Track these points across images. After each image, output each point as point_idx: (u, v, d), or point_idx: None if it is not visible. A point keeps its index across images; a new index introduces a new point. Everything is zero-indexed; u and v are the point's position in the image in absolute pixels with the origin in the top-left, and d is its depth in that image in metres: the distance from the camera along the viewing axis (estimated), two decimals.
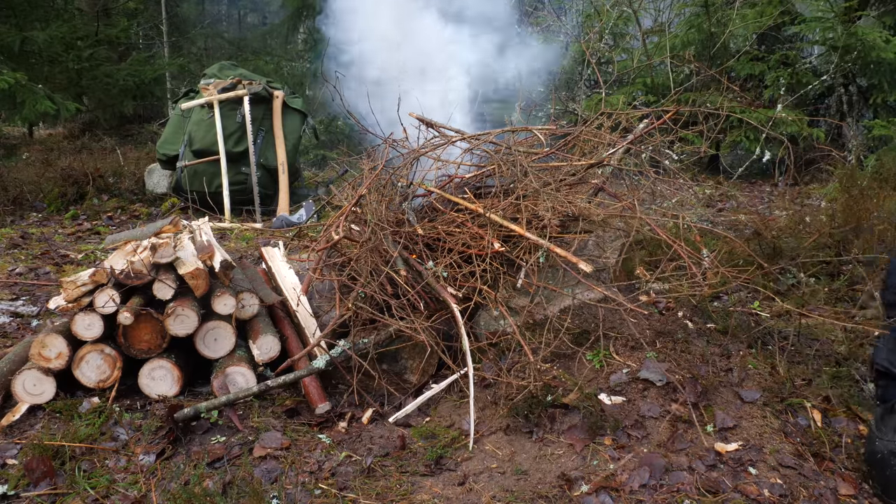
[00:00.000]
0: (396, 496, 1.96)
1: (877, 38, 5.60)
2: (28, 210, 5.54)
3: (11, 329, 3.07)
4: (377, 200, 2.81)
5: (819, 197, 5.01)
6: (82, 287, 2.42)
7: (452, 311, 2.45)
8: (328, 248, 2.80)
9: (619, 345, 2.49)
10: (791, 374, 2.36)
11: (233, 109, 5.54)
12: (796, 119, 5.60)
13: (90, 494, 1.93)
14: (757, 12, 6.30)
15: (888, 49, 5.60)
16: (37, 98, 6.57)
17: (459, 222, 2.81)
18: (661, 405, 2.22)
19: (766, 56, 6.40)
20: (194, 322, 2.46)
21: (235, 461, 2.09)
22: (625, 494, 1.89)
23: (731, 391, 2.27)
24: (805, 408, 2.20)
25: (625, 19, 7.16)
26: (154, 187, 5.96)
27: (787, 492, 1.87)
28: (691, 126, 3.33)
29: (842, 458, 2.01)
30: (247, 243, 4.63)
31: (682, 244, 2.57)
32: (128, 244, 2.73)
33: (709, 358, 2.42)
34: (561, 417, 2.22)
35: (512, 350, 2.44)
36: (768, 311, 2.81)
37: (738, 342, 2.57)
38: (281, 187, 5.51)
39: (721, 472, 1.95)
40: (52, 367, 2.36)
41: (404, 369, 2.60)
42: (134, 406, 2.38)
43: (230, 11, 12.21)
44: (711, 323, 2.68)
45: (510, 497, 1.93)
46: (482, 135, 3.09)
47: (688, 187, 4.83)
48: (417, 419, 2.41)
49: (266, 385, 2.39)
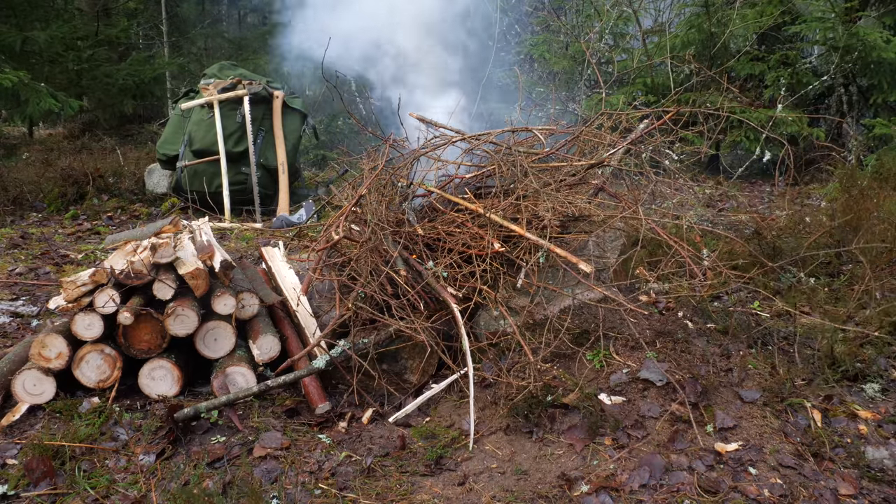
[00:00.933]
0: (396, 496, 1.96)
1: (877, 39, 5.59)
2: (28, 210, 5.54)
3: (11, 329, 3.07)
4: (377, 200, 2.81)
5: (819, 197, 5.01)
6: (82, 287, 2.42)
7: (452, 311, 2.46)
8: (328, 248, 2.80)
9: (619, 345, 2.49)
10: (791, 374, 2.36)
11: (233, 109, 5.54)
12: (796, 119, 5.59)
13: (90, 494, 1.93)
14: (757, 12, 6.30)
15: (888, 49, 5.59)
16: (40, 96, 6.57)
17: (459, 222, 2.81)
18: (661, 405, 2.22)
19: (767, 56, 6.40)
20: (194, 322, 2.46)
21: (235, 461, 2.09)
22: (625, 494, 1.89)
23: (731, 391, 2.27)
24: (805, 408, 2.20)
25: (625, 19, 7.16)
26: (154, 187, 5.96)
27: (787, 492, 1.87)
28: (691, 126, 3.33)
29: (842, 457, 2.01)
30: (247, 243, 4.63)
31: (684, 244, 2.57)
32: (128, 244, 2.73)
33: (709, 358, 2.42)
34: (561, 417, 2.22)
35: (512, 350, 2.44)
36: (768, 311, 2.81)
37: (738, 342, 2.57)
38: (281, 187, 5.51)
39: (721, 472, 1.95)
40: (52, 367, 2.36)
41: (404, 369, 2.60)
42: (134, 406, 2.38)
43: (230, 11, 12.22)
44: (711, 323, 2.68)
45: (510, 497, 1.93)
46: (482, 135, 3.09)
47: (688, 187, 4.83)
48: (417, 419, 2.41)
49: (266, 385, 2.39)
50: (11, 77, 6.15)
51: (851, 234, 3.22)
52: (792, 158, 4.05)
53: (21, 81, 6.33)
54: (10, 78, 6.13)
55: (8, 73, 6.16)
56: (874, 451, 2.03)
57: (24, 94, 6.52)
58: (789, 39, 6.51)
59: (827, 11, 5.87)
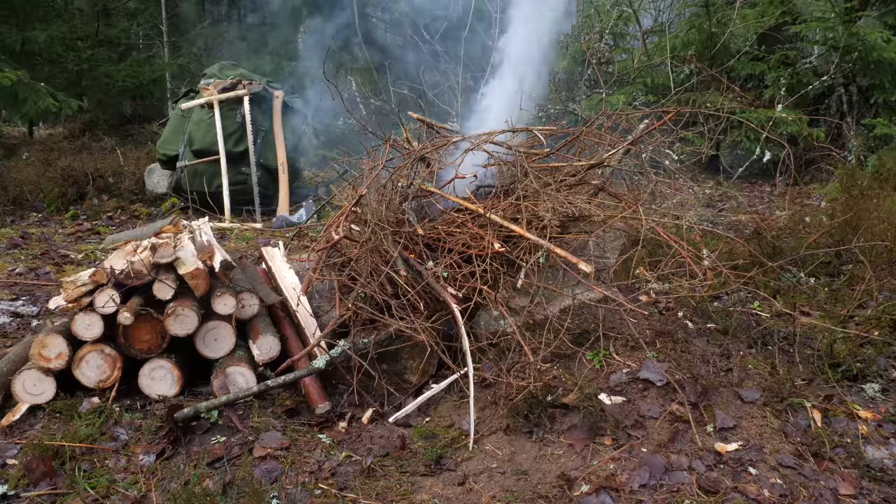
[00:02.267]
0: (396, 496, 1.96)
1: (877, 38, 5.59)
2: (28, 210, 5.54)
3: (11, 329, 3.07)
4: (377, 200, 2.81)
5: (819, 197, 5.01)
6: (82, 287, 2.42)
7: (452, 311, 2.45)
8: (328, 248, 2.80)
9: (619, 345, 2.49)
10: (791, 374, 2.36)
11: (233, 109, 5.54)
12: (796, 119, 5.59)
13: (90, 494, 1.93)
14: (758, 12, 6.30)
15: (889, 49, 5.59)
16: (39, 95, 6.57)
17: (460, 222, 2.81)
18: (661, 405, 2.22)
19: (767, 56, 6.40)
20: (194, 322, 2.46)
21: (235, 461, 2.09)
22: (625, 494, 1.89)
23: (731, 391, 2.27)
24: (805, 408, 2.20)
25: (625, 19, 7.16)
26: (154, 187, 5.96)
27: (787, 492, 1.87)
28: (691, 126, 3.33)
29: (842, 457, 2.01)
30: (247, 243, 4.63)
31: (684, 244, 2.57)
32: (128, 244, 2.73)
33: (709, 358, 2.42)
34: (561, 417, 2.22)
35: (512, 350, 2.44)
36: (768, 312, 2.81)
37: (738, 342, 2.57)
38: (281, 187, 5.51)
39: (721, 472, 1.95)
40: (52, 367, 2.36)
41: (404, 369, 2.59)
42: (134, 406, 2.38)
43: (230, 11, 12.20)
44: (711, 323, 2.68)
45: (510, 497, 1.93)
46: (482, 135, 3.09)
47: (688, 187, 4.83)
48: (417, 419, 2.41)
49: (266, 385, 2.39)
50: (10, 76, 6.15)
51: (851, 234, 3.22)
52: (792, 158, 4.05)
53: (20, 80, 6.32)
54: (9, 77, 6.13)
55: (7, 73, 6.16)
56: (874, 451, 2.03)
57: (22, 94, 6.51)
58: (789, 39, 6.51)
59: (827, 11, 5.87)
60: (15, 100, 6.62)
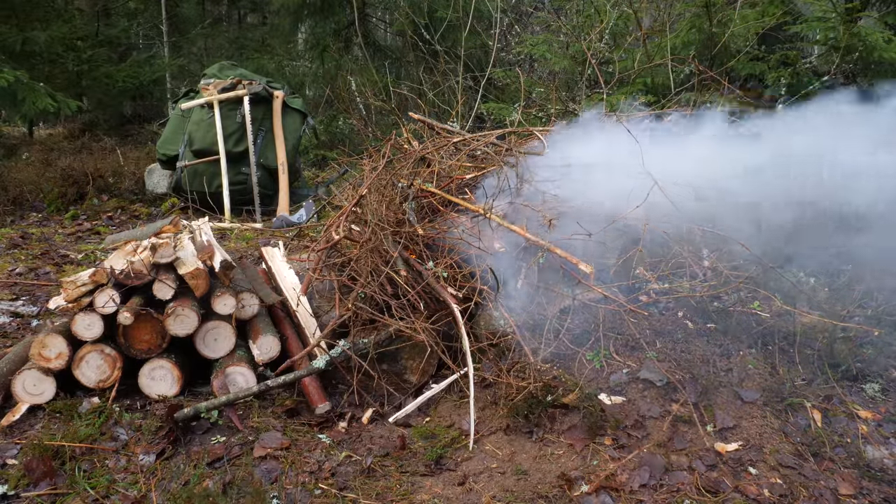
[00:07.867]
0: (396, 496, 1.96)
1: (878, 39, 5.59)
2: (28, 210, 5.54)
3: (11, 329, 3.07)
4: (377, 200, 2.81)
5: None
6: (82, 287, 2.42)
7: (453, 311, 2.45)
8: (328, 248, 2.80)
9: (619, 345, 2.49)
10: (791, 374, 2.36)
11: (233, 109, 5.54)
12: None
13: (90, 494, 1.93)
14: (758, 12, 6.29)
15: (890, 49, 5.59)
16: (37, 95, 6.56)
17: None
18: (661, 405, 2.22)
19: (767, 56, 6.40)
20: (194, 322, 2.46)
21: (235, 461, 2.09)
22: (625, 494, 1.89)
23: (731, 391, 2.27)
24: (805, 408, 2.20)
25: (625, 19, 7.15)
26: (154, 187, 5.96)
27: (787, 492, 1.87)
28: None
29: (842, 457, 2.01)
30: (247, 243, 4.63)
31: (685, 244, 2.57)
32: (128, 244, 2.73)
33: (709, 358, 2.42)
34: (561, 417, 2.22)
35: (512, 350, 2.44)
36: (768, 312, 2.80)
37: (738, 342, 2.57)
38: (281, 187, 5.50)
39: (721, 472, 1.95)
40: (52, 367, 2.36)
41: (404, 369, 2.59)
42: (134, 406, 2.38)
43: (230, 11, 12.20)
44: (711, 323, 2.68)
45: (510, 497, 1.93)
46: (483, 135, 3.09)
47: None
48: (417, 419, 2.41)
49: (266, 385, 2.39)
50: (8, 76, 6.14)
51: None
52: None
53: (18, 80, 6.32)
54: (7, 77, 6.12)
55: (5, 73, 6.15)
56: (874, 451, 2.03)
57: (21, 94, 6.51)
58: (790, 39, 6.50)
59: (828, 11, 5.86)
60: (13, 99, 6.61)
